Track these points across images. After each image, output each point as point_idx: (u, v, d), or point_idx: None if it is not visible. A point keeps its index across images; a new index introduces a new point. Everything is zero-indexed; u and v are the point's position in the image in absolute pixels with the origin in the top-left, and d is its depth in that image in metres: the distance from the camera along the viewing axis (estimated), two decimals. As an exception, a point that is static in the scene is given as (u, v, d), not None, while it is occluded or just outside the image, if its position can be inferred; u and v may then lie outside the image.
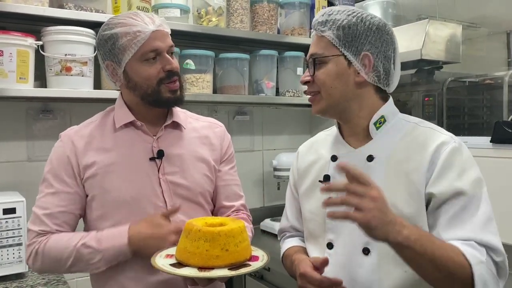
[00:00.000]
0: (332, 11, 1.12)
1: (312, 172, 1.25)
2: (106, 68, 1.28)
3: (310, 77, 1.13)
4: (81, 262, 1.20)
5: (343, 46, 1.09)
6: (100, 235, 1.21)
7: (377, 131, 1.14)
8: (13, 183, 1.89)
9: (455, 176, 1.02)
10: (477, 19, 2.41)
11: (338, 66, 1.10)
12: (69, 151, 1.26)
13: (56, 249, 1.21)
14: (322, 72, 1.11)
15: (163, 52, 1.23)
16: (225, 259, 1.07)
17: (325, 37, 1.11)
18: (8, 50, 1.66)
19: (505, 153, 1.76)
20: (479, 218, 1.00)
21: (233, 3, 2.21)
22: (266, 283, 1.98)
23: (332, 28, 1.10)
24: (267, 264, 1.12)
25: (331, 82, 1.11)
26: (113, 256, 1.20)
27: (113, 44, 1.21)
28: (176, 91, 1.27)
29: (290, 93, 2.42)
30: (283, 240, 1.38)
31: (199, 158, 1.36)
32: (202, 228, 1.09)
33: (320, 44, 1.12)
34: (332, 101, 1.12)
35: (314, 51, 1.13)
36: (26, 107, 1.95)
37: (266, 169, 2.63)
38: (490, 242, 0.98)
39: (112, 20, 1.25)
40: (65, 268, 1.22)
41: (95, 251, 1.19)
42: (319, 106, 1.15)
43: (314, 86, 1.13)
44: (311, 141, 1.34)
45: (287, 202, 1.37)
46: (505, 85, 2.20)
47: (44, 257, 1.22)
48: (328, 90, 1.11)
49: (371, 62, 1.09)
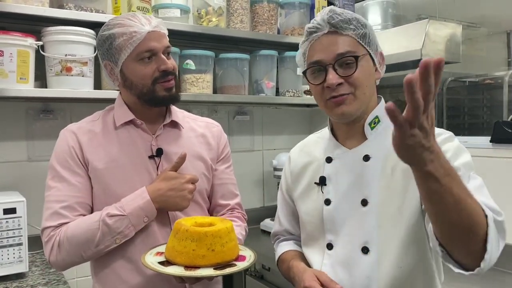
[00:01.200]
0: (338, 10, 1.11)
1: (307, 174, 1.25)
2: (105, 68, 1.31)
3: (342, 78, 1.08)
4: (108, 235, 1.21)
5: (368, 44, 1.10)
6: (120, 203, 1.24)
7: (371, 131, 1.14)
8: (14, 183, 1.89)
9: (449, 159, 1.01)
10: (477, 19, 2.40)
11: (369, 64, 1.11)
12: (73, 143, 1.28)
13: (81, 231, 1.21)
14: (359, 71, 1.08)
15: (159, 53, 1.25)
16: (211, 258, 1.11)
17: (348, 36, 1.09)
18: (9, 50, 1.67)
19: (505, 153, 1.76)
20: (473, 185, 0.97)
21: (233, 3, 2.21)
22: (266, 282, 1.99)
23: (358, 27, 1.09)
24: (253, 264, 1.16)
25: (367, 81, 1.10)
26: (140, 217, 1.23)
27: (110, 44, 1.24)
28: (171, 89, 1.28)
29: (290, 93, 2.42)
30: (277, 244, 1.38)
31: (197, 157, 1.38)
32: (189, 228, 1.12)
33: (345, 43, 1.08)
34: (365, 100, 1.11)
35: (344, 50, 1.07)
36: (26, 107, 1.95)
37: (266, 169, 2.63)
38: (489, 203, 0.94)
39: (111, 21, 1.28)
40: (92, 249, 1.22)
41: (121, 217, 1.21)
42: (352, 107, 1.09)
43: (346, 88, 1.08)
44: (302, 143, 1.34)
45: (279, 206, 1.37)
46: (505, 85, 2.20)
47: (69, 243, 1.21)
48: (364, 90, 1.09)
49: (384, 58, 1.14)
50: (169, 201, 1.25)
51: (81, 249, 1.22)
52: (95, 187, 1.28)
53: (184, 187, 1.26)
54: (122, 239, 1.23)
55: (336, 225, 1.14)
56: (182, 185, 1.26)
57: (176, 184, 1.25)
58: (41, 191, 1.29)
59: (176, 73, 1.31)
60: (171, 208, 1.27)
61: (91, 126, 1.33)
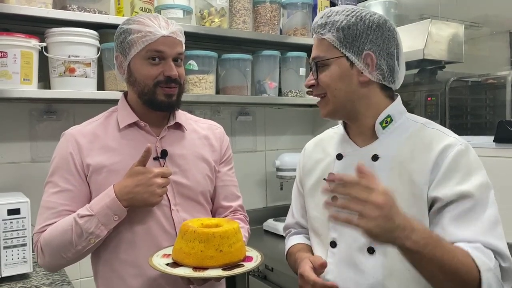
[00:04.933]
0: (331, 12, 1.12)
1: (317, 170, 1.25)
2: (116, 59, 1.33)
3: (314, 81, 1.14)
4: (82, 236, 1.19)
5: (344, 47, 1.09)
6: (90, 203, 1.23)
7: (383, 131, 1.13)
8: (17, 183, 1.90)
9: (461, 179, 1.01)
10: (480, 18, 2.40)
11: (341, 68, 1.10)
12: (71, 148, 1.28)
13: (56, 233, 1.21)
14: (325, 74, 1.11)
15: (168, 58, 1.26)
16: (219, 259, 1.11)
17: (325, 39, 1.10)
18: (12, 52, 1.67)
19: (508, 152, 1.76)
20: (485, 221, 0.98)
21: (235, 4, 2.21)
22: (270, 283, 1.99)
23: (332, 30, 1.09)
24: (260, 264, 1.16)
25: (335, 84, 1.10)
26: (108, 216, 1.19)
27: (125, 37, 1.27)
28: (171, 96, 1.29)
29: (292, 94, 2.42)
30: (288, 237, 1.39)
31: (201, 158, 1.38)
32: (197, 229, 1.12)
33: (321, 47, 1.12)
34: (338, 103, 1.12)
35: (316, 55, 1.13)
36: (30, 108, 1.96)
37: (269, 169, 2.63)
38: (498, 246, 0.96)
39: (133, 17, 1.31)
40: (72, 250, 1.21)
41: (90, 217, 1.19)
42: (326, 109, 1.15)
43: (319, 89, 1.14)
44: (319, 138, 1.34)
45: (293, 198, 1.38)
46: (508, 84, 2.20)
47: (48, 247, 1.22)
48: (333, 92, 1.11)
49: (374, 60, 1.08)
50: (137, 198, 1.20)
51: (61, 251, 1.22)
52: (96, 190, 1.26)
53: (152, 182, 1.19)
54: (96, 239, 1.21)
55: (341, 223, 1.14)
56: (150, 180, 1.19)
57: (143, 179, 1.19)
58: (45, 192, 1.30)
59: (181, 82, 1.31)
60: (141, 205, 1.22)
61: (94, 128, 1.32)
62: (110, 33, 1.92)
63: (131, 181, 1.20)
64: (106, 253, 1.29)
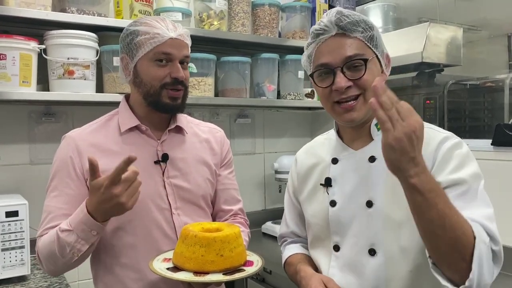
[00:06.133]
0: (346, 12, 1.10)
1: (313, 175, 1.25)
2: (121, 61, 1.32)
3: (351, 81, 1.08)
4: (65, 249, 1.16)
5: (375, 46, 1.10)
6: (70, 217, 1.18)
7: (378, 132, 1.13)
8: (16, 186, 1.90)
9: (455, 168, 1.02)
10: (478, 21, 2.41)
11: (377, 67, 1.11)
12: (71, 152, 1.27)
13: (45, 244, 1.21)
14: (367, 73, 1.08)
15: (175, 60, 1.26)
16: (220, 264, 1.11)
17: (356, 38, 1.08)
18: (11, 54, 1.68)
19: (506, 155, 1.76)
20: (479, 203, 0.98)
21: (234, 7, 2.22)
22: (268, 286, 1.98)
23: (366, 29, 1.09)
24: (261, 269, 1.15)
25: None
26: (85, 231, 1.14)
27: (132, 39, 1.27)
28: (176, 99, 1.29)
29: (291, 96, 2.42)
30: (284, 246, 1.38)
31: (202, 162, 1.38)
32: (198, 234, 1.12)
33: (353, 46, 1.08)
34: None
35: (353, 53, 1.07)
36: (28, 110, 1.96)
37: (267, 172, 2.63)
38: (490, 229, 0.95)
39: (140, 19, 1.31)
40: (61, 261, 1.19)
41: (69, 232, 1.16)
42: (362, 112, 1.09)
43: (354, 90, 1.08)
44: (309, 145, 1.34)
45: (286, 208, 1.37)
46: (506, 87, 2.20)
47: (41, 255, 1.22)
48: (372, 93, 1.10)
49: (390, 60, 1.14)
50: (108, 212, 1.12)
51: (51, 260, 1.21)
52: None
53: (111, 195, 1.07)
54: (79, 253, 1.16)
55: (342, 227, 1.14)
56: (107, 194, 1.08)
57: (101, 196, 1.08)
58: (43, 194, 1.30)
59: (187, 85, 1.31)
60: (117, 215, 1.14)
61: (94, 132, 1.32)
62: (109, 36, 1.92)
63: (94, 199, 1.11)
64: (107, 257, 1.29)
